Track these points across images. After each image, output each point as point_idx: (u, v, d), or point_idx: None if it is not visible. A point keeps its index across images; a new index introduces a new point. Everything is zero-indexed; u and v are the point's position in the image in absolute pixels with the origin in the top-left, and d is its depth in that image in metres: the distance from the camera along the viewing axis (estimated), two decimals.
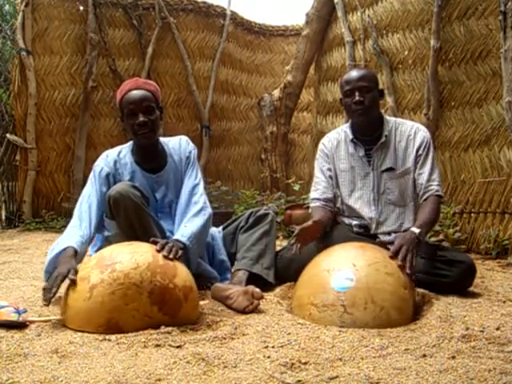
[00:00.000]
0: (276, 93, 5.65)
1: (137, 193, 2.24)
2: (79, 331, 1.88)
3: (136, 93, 2.35)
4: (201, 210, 2.40)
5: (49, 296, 1.97)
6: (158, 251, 2.00)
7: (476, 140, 3.69)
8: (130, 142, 2.53)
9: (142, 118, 2.32)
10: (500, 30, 3.29)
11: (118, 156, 2.47)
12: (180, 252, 2.07)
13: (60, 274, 2.01)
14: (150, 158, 2.48)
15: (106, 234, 2.40)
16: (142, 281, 1.87)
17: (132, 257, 1.94)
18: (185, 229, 2.29)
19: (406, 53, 4.12)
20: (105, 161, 2.46)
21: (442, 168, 3.83)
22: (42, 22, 5.23)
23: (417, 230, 2.25)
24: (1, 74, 5.34)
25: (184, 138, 2.60)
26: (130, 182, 2.38)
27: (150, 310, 1.87)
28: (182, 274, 2.01)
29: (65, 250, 2.16)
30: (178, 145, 2.55)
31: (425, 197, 2.52)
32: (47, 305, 2.00)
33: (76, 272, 2.00)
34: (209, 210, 2.43)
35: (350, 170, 2.67)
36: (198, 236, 2.31)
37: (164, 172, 2.49)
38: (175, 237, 2.24)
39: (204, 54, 6.10)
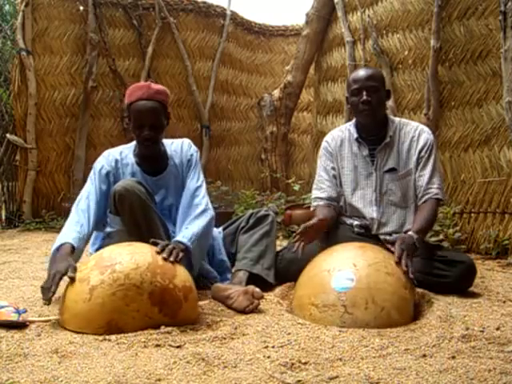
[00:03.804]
0: (276, 93, 5.65)
1: (142, 189, 2.25)
2: (79, 332, 1.88)
3: (146, 104, 2.32)
4: (203, 211, 2.37)
5: (48, 295, 1.95)
6: (158, 253, 1.99)
7: (476, 140, 3.69)
8: (133, 143, 2.53)
9: (147, 132, 2.33)
10: (500, 30, 3.29)
11: (119, 155, 2.47)
12: (181, 254, 2.06)
13: (58, 272, 1.98)
14: (152, 160, 2.48)
15: (108, 230, 2.39)
16: (143, 281, 1.87)
17: (132, 257, 1.93)
18: (186, 230, 2.28)
19: (406, 53, 4.11)
20: (106, 159, 2.46)
21: (442, 168, 3.83)
22: (42, 22, 5.22)
23: (415, 236, 2.25)
24: (1, 73, 5.34)
25: (186, 141, 2.59)
26: None
27: (151, 310, 1.87)
28: (182, 275, 2.01)
29: (62, 246, 2.14)
30: (179, 148, 2.54)
31: (423, 199, 2.51)
32: (48, 304, 1.99)
33: (75, 269, 1.98)
34: (211, 212, 2.41)
35: (353, 169, 2.65)
36: (199, 237, 2.28)
37: (164, 175, 2.49)
38: (176, 238, 2.23)
39: (204, 54, 6.09)
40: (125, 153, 2.49)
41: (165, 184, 2.48)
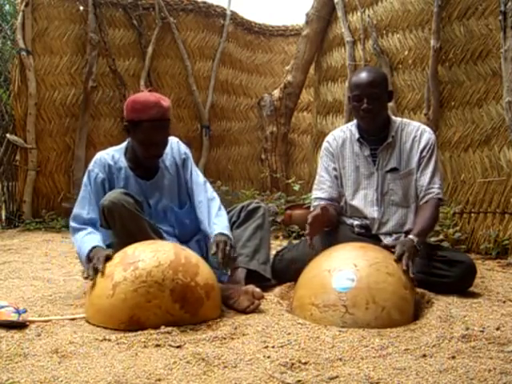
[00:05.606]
0: (276, 93, 5.65)
1: (130, 199, 2.23)
2: (102, 327, 1.90)
3: (159, 124, 2.32)
4: (220, 205, 2.49)
5: (92, 272, 2.08)
6: (214, 254, 2.20)
7: (476, 140, 3.69)
8: (123, 145, 2.52)
9: (157, 150, 2.37)
10: (500, 30, 3.29)
11: (111, 160, 2.46)
12: (233, 251, 2.24)
13: (101, 256, 2.10)
14: (145, 164, 2.48)
15: (107, 242, 2.39)
16: (164, 279, 1.92)
17: (154, 255, 1.99)
18: (221, 223, 2.39)
19: (406, 53, 4.11)
20: (99, 166, 2.44)
21: (442, 168, 3.83)
22: (42, 22, 5.21)
23: (415, 239, 2.25)
24: (1, 73, 5.34)
25: (174, 141, 2.58)
26: (124, 188, 2.37)
27: (172, 307, 1.92)
28: (204, 273, 2.05)
29: (94, 248, 2.22)
30: (169, 148, 2.52)
31: (425, 199, 2.50)
32: (87, 278, 2.15)
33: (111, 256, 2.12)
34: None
35: (354, 169, 2.64)
36: (230, 227, 2.44)
37: (157, 178, 2.49)
38: (218, 231, 2.32)
39: (204, 54, 6.09)
40: (116, 156, 2.47)
41: (159, 186, 2.49)
